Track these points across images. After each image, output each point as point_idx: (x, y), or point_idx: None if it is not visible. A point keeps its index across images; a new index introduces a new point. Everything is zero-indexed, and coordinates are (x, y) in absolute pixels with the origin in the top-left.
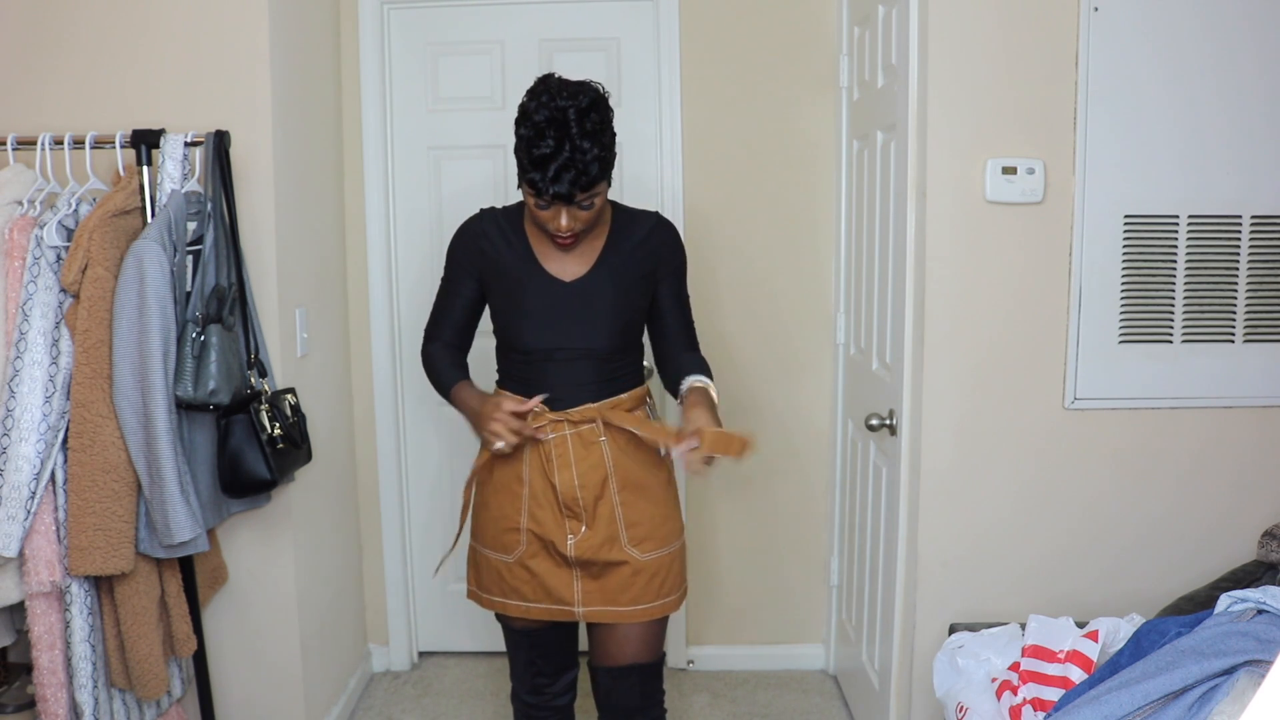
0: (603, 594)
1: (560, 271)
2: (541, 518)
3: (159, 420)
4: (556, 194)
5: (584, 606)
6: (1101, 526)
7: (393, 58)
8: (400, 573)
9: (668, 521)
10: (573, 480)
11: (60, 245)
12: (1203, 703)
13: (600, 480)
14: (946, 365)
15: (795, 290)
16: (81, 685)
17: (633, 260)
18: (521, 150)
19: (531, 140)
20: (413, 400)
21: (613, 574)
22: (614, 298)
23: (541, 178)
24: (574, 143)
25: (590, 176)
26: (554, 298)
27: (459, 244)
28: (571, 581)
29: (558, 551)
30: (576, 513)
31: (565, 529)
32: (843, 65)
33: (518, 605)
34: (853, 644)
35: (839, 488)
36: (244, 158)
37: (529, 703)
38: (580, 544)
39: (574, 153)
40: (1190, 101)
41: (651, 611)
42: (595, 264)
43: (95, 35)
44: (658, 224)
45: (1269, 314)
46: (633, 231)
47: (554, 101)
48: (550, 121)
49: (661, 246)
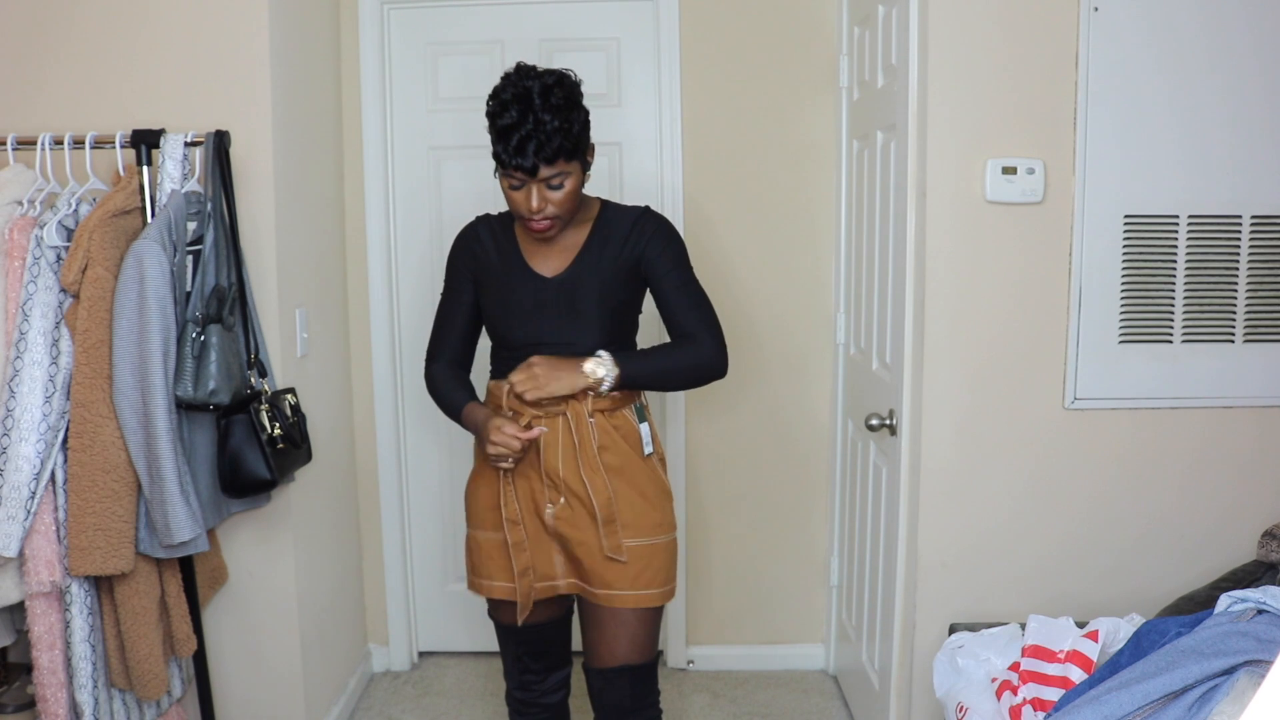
0: (579, 572)
1: (543, 267)
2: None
3: (159, 420)
4: (520, 166)
5: (565, 579)
6: (1101, 526)
7: (393, 58)
8: (400, 573)
9: (651, 514)
10: (556, 450)
11: (60, 245)
12: (1203, 703)
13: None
14: (946, 365)
15: (795, 290)
16: (81, 685)
17: (616, 254)
18: (490, 128)
19: (497, 114)
20: (413, 400)
21: (586, 554)
22: (597, 293)
23: (505, 149)
24: (537, 116)
25: (553, 148)
26: (536, 293)
27: (456, 251)
28: (553, 555)
29: (540, 523)
30: (556, 484)
31: (545, 498)
32: (843, 65)
33: (505, 587)
34: (853, 644)
35: (839, 488)
36: (244, 158)
37: (519, 698)
38: (559, 515)
39: (536, 125)
40: (1190, 101)
41: (626, 600)
42: (575, 259)
43: (95, 35)
44: (642, 215)
45: (1269, 314)
46: (617, 227)
47: (521, 81)
48: (515, 97)
49: (646, 238)
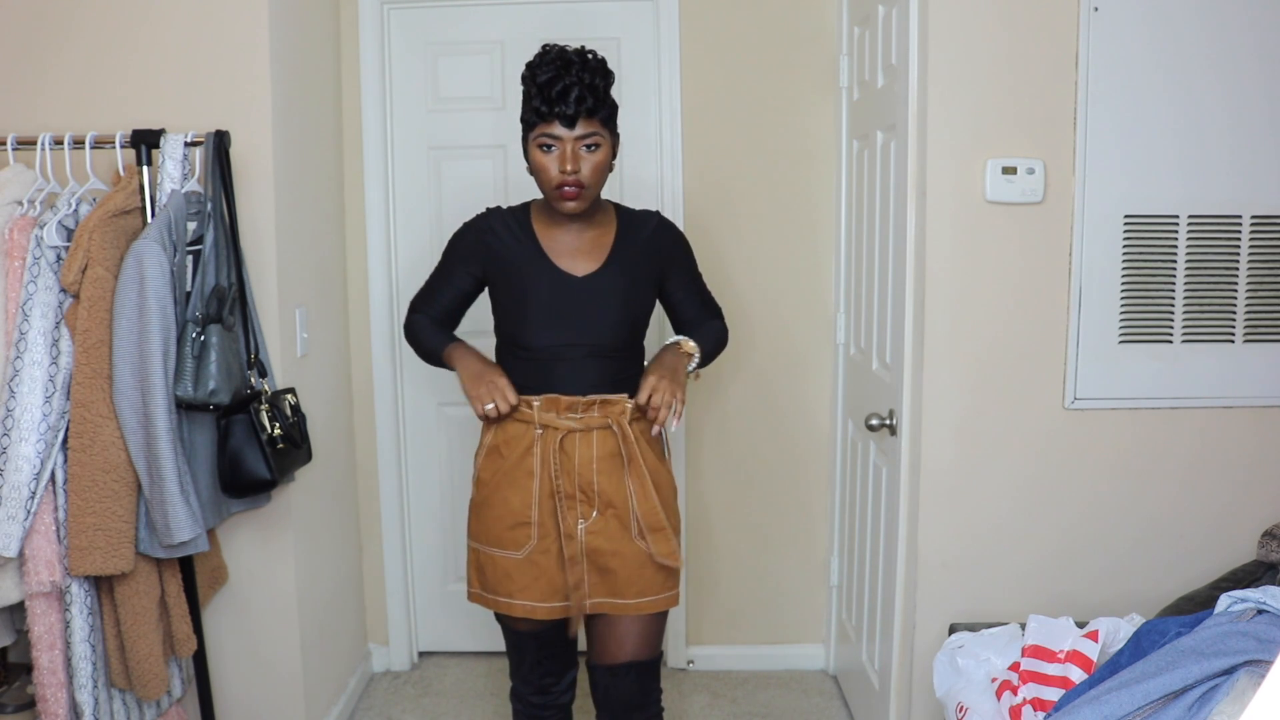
0: (609, 585)
1: (571, 267)
2: (552, 507)
3: (159, 420)
4: (561, 114)
5: (590, 599)
6: (1101, 526)
7: (393, 58)
8: (400, 573)
9: (672, 515)
10: (591, 462)
11: (60, 245)
12: (1203, 703)
13: (616, 467)
14: (946, 365)
15: (795, 290)
16: (81, 685)
17: (642, 258)
18: (528, 88)
19: (536, 72)
20: (413, 400)
21: (620, 564)
22: (625, 293)
23: (545, 100)
24: (578, 71)
25: (595, 100)
26: (564, 293)
27: (463, 238)
28: (581, 574)
29: (569, 540)
30: (590, 497)
31: (577, 513)
32: (843, 65)
33: (524, 605)
34: (853, 644)
35: (839, 488)
36: (244, 158)
37: (535, 703)
38: (591, 530)
39: (579, 77)
40: (1190, 101)
41: (656, 604)
42: (607, 259)
43: (95, 35)
44: (660, 224)
45: (1269, 314)
46: (639, 230)
47: (557, 50)
48: (554, 58)
49: (667, 246)
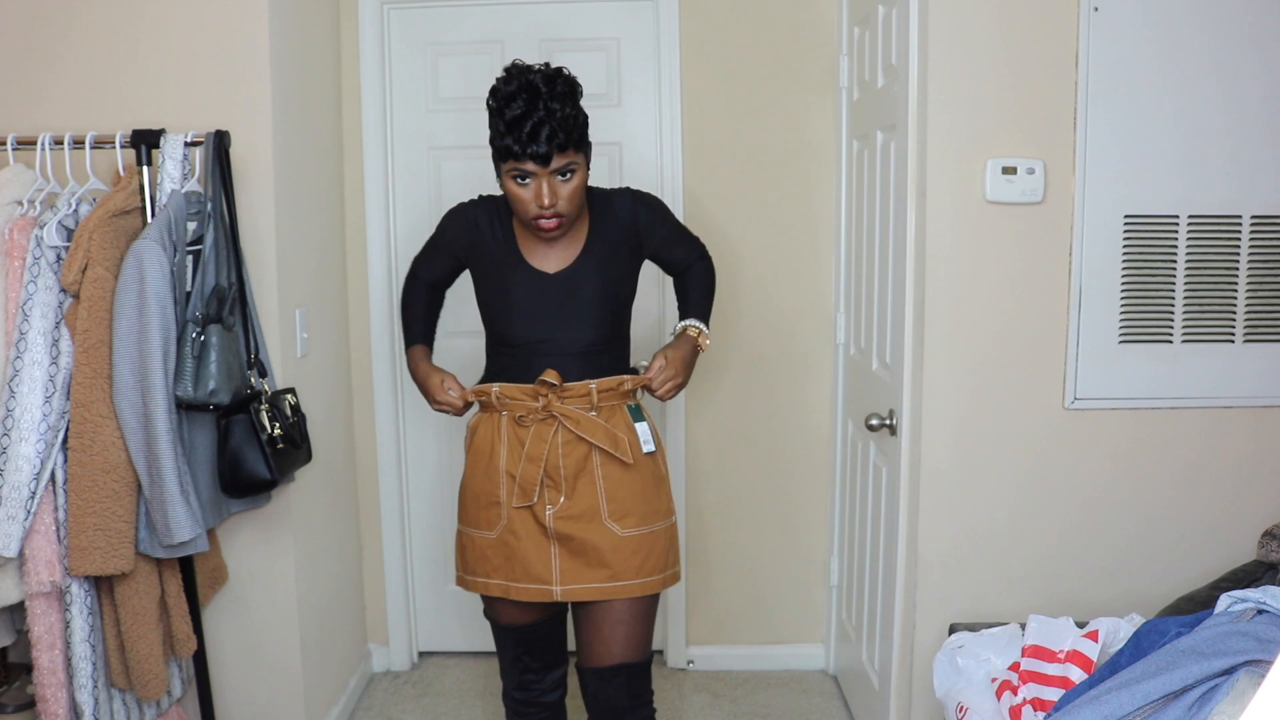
0: (580, 571)
1: (544, 264)
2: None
3: (159, 420)
4: (534, 154)
5: (562, 585)
6: (1101, 526)
7: (393, 58)
8: (400, 573)
9: (651, 500)
10: (557, 448)
11: (60, 245)
12: (1203, 703)
13: (584, 452)
14: (946, 365)
15: (795, 290)
16: (81, 685)
17: (619, 246)
18: (496, 121)
19: (503, 107)
20: (413, 400)
21: (591, 549)
22: (600, 288)
23: (516, 139)
24: (546, 103)
25: (566, 134)
26: (539, 291)
27: (451, 221)
28: (550, 559)
29: (538, 524)
30: (557, 482)
31: (544, 499)
32: (843, 65)
33: (500, 585)
34: (853, 644)
35: (839, 488)
36: (244, 158)
37: (518, 699)
38: (559, 514)
39: (548, 112)
40: (1190, 101)
41: (631, 589)
42: (580, 255)
43: (95, 35)
44: (633, 199)
45: (1269, 314)
46: (613, 216)
47: (522, 75)
48: (520, 89)
49: (643, 219)
